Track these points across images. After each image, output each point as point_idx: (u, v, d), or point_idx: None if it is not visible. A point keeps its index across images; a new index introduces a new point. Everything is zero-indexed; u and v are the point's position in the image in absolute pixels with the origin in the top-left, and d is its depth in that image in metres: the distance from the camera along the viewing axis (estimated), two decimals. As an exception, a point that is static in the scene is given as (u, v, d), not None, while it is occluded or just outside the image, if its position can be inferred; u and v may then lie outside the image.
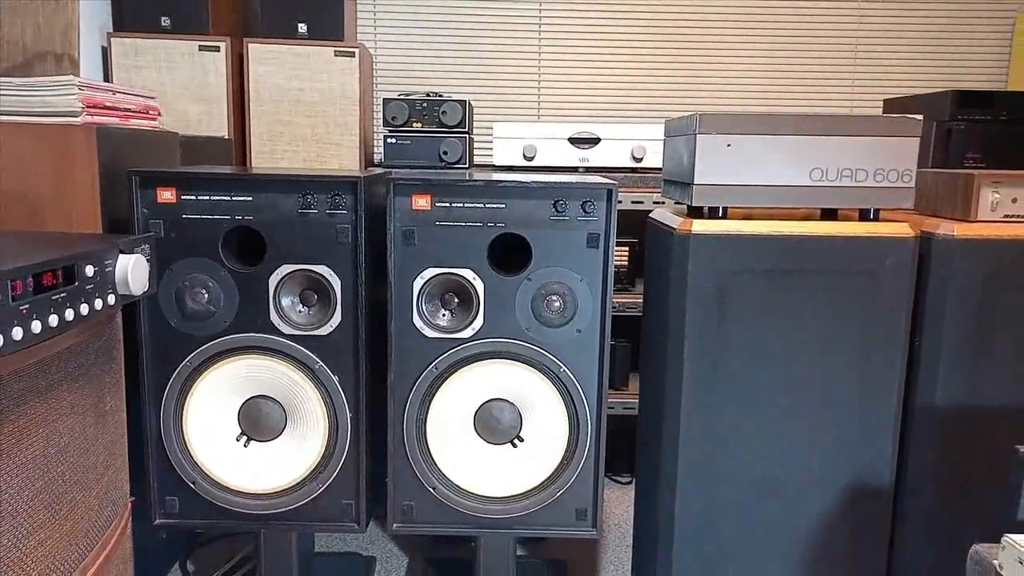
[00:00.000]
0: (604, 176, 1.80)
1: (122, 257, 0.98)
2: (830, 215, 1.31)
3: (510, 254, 1.38)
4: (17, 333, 0.77)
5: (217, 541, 1.95)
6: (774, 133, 1.22)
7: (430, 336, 1.37)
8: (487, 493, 1.41)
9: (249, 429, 1.40)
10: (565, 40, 2.74)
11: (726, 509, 1.30)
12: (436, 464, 1.40)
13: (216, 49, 2.23)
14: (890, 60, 2.78)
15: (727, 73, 2.78)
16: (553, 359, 1.37)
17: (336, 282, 1.35)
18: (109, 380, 1.09)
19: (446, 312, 1.38)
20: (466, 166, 2.30)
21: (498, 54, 2.74)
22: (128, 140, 1.46)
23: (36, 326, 0.81)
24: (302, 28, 2.28)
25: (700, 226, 1.21)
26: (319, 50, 2.28)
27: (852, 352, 1.25)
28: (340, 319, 1.36)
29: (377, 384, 1.44)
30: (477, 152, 2.69)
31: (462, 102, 2.28)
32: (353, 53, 2.28)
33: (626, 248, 2.29)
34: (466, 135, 2.29)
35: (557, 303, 1.36)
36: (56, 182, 1.33)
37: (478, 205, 1.33)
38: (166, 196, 1.32)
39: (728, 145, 1.22)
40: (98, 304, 0.93)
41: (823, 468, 1.29)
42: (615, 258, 1.37)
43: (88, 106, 1.35)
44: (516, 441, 1.40)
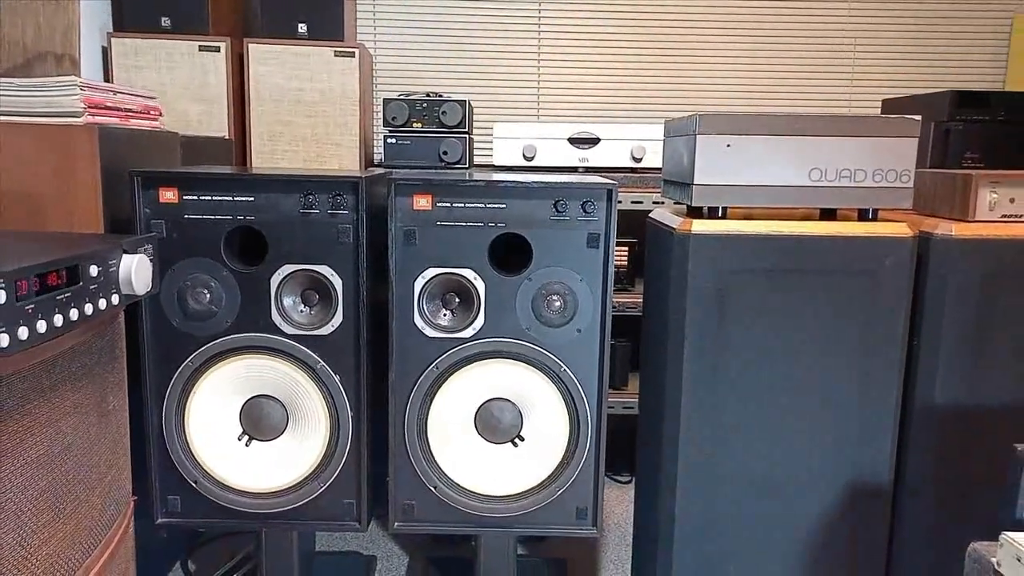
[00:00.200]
0: (604, 176, 1.81)
1: (126, 257, 0.99)
2: (829, 215, 1.32)
3: (511, 254, 1.39)
4: (22, 333, 0.77)
5: (217, 540, 1.95)
6: (774, 133, 1.22)
7: (431, 336, 1.37)
8: (488, 492, 1.42)
9: (251, 428, 1.40)
10: (564, 40, 2.75)
11: (726, 508, 1.30)
12: (437, 463, 1.41)
13: (216, 49, 2.24)
14: (888, 60, 2.79)
15: (726, 73, 2.79)
16: (554, 359, 1.37)
17: (337, 282, 1.36)
18: (112, 380, 1.09)
19: (447, 312, 1.39)
20: (466, 166, 2.30)
21: (497, 54, 2.75)
22: (129, 140, 1.47)
23: (41, 326, 0.81)
24: (302, 28, 2.29)
25: (700, 226, 1.22)
26: (319, 50, 2.28)
27: (851, 352, 1.26)
28: (341, 319, 1.37)
29: (378, 383, 1.45)
30: (477, 152, 2.70)
31: (462, 102, 2.28)
32: (353, 53, 2.28)
33: (626, 248, 2.29)
34: (466, 135, 2.29)
35: (557, 303, 1.36)
36: (58, 182, 1.33)
37: (479, 205, 1.34)
38: (168, 196, 1.33)
39: (728, 145, 1.22)
40: (102, 304, 0.94)
41: (823, 467, 1.29)
42: (615, 258, 1.37)
43: (90, 106, 1.36)
44: (517, 440, 1.41)
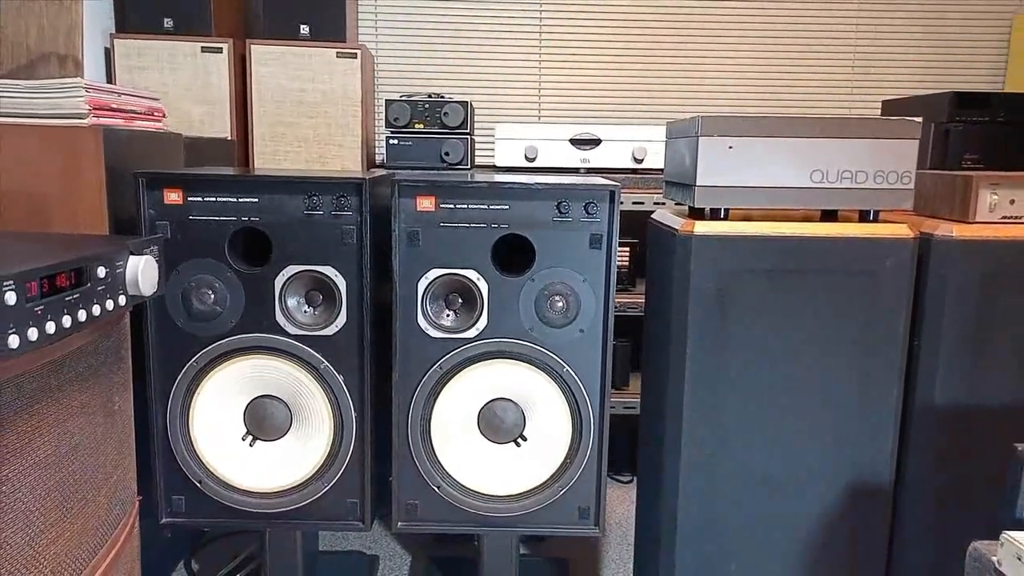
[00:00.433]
0: (605, 177, 1.81)
1: (132, 258, 0.99)
2: (830, 216, 1.32)
3: (513, 255, 1.39)
4: (32, 334, 0.78)
5: (220, 540, 1.96)
6: (775, 135, 1.23)
7: (434, 336, 1.38)
8: (491, 492, 1.42)
9: (255, 429, 1.41)
10: (565, 41, 2.75)
11: (727, 508, 1.31)
12: (440, 463, 1.42)
13: (218, 50, 2.24)
14: (888, 62, 2.80)
15: (726, 75, 2.79)
16: (556, 359, 1.38)
17: (341, 283, 1.36)
18: (118, 380, 1.10)
19: (450, 312, 1.39)
20: (468, 167, 2.31)
21: (499, 55, 2.75)
22: (133, 142, 1.47)
23: (50, 327, 0.82)
24: (304, 29, 2.29)
25: (702, 227, 1.23)
26: (321, 51, 2.28)
27: (852, 352, 1.27)
28: (345, 319, 1.37)
29: (382, 384, 1.45)
30: (478, 153, 2.70)
31: (464, 103, 2.29)
32: (355, 54, 2.29)
33: (627, 248, 2.30)
34: (467, 136, 2.30)
35: (560, 303, 1.37)
36: (63, 183, 1.33)
37: (482, 206, 1.34)
38: (173, 197, 1.33)
39: (730, 147, 1.23)
40: (109, 305, 0.94)
41: (823, 467, 1.30)
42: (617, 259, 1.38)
43: (94, 108, 1.36)
44: (519, 440, 1.42)
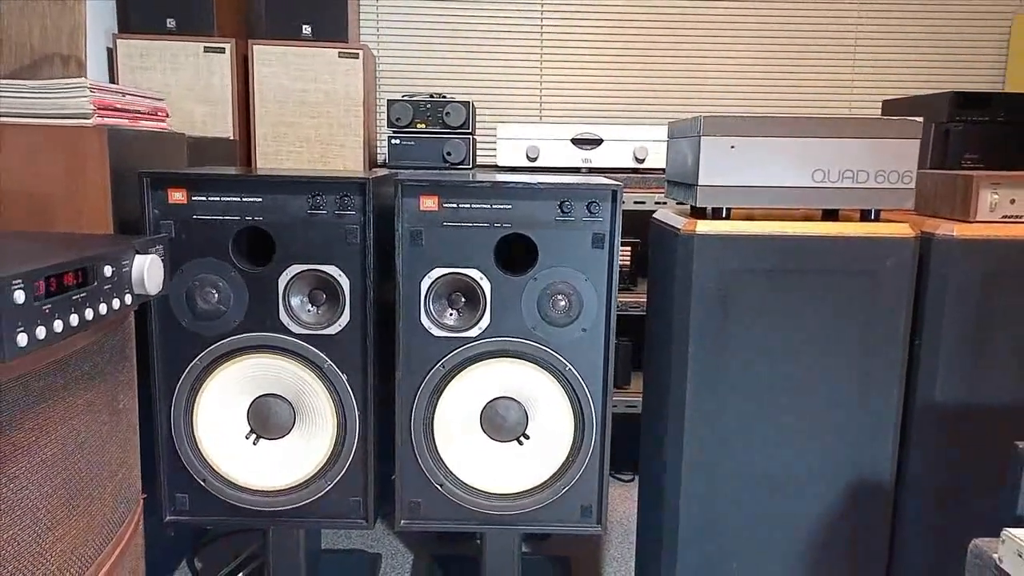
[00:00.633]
0: (607, 177, 1.82)
1: (138, 257, 1.00)
2: (831, 216, 1.33)
3: (516, 254, 1.40)
4: (40, 332, 0.79)
5: (222, 539, 1.96)
6: (777, 135, 1.23)
7: (437, 335, 1.38)
8: (493, 490, 1.43)
9: (258, 427, 1.41)
10: (567, 41, 2.76)
11: (729, 507, 1.31)
12: (443, 461, 1.42)
13: (221, 50, 2.25)
14: (889, 62, 2.80)
15: (727, 75, 2.80)
16: (559, 358, 1.38)
17: (345, 282, 1.37)
18: (123, 379, 1.10)
19: (453, 311, 1.40)
20: (469, 167, 2.31)
21: (500, 55, 2.76)
22: (137, 141, 1.48)
23: (58, 325, 0.82)
24: (306, 30, 2.30)
25: (704, 226, 1.23)
26: (323, 51, 2.29)
27: (853, 351, 1.27)
28: (348, 318, 1.38)
29: (385, 382, 1.46)
30: (479, 153, 2.71)
31: (465, 103, 2.29)
32: (357, 54, 2.29)
33: (628, 248, 2.30)
34: (469, 136, 2.31)
35: (562, 302, 1.37)
36: (68, 183, 1.34)
37: (485, 206, 1.35)
38: (177, 197, 1.34)
39: (732, 147, 1.23)
40: (115, 304, 0.95)
41: (824, 466, 1.30)
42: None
43: (99, 108, 1.37)
44: (522, 439, 1.42)
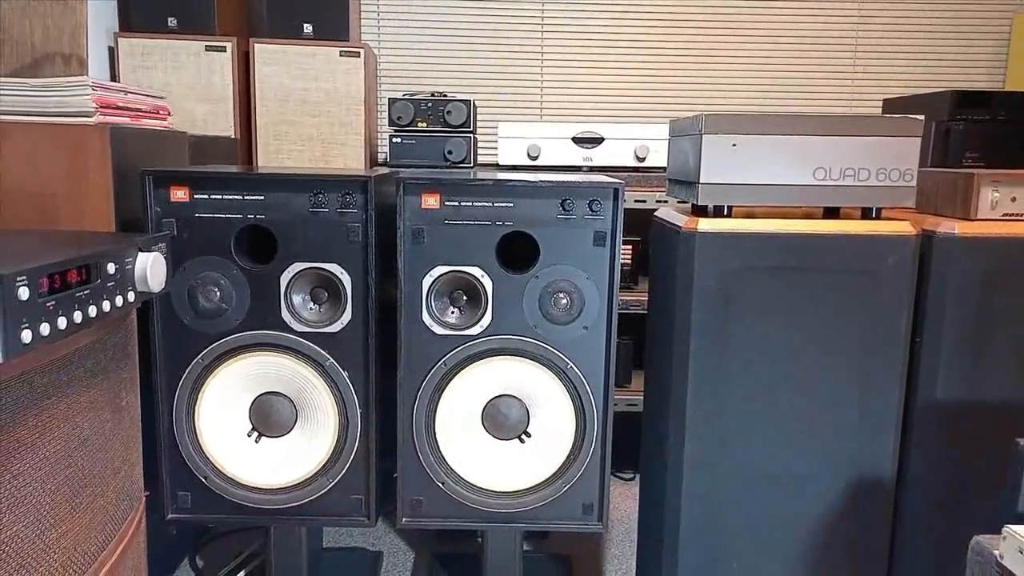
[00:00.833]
0: (608, 175, 1.82)
1: (141, 255, 1.00)
2: (832, 214, 1.33)
3: (517, 252, 1.40)
4: (44, 329, 0.79)
5: (224, 537, 1.97)
6: (778, 133, 1.24)
7: (439, 333, 1.38)
8: (495, 488, 1.43)
9: (260, 425, 1.42)
10: (567, 40, 2.76)
11: (730, 505, 1.32)
12: (444, 459, 1.42)
13: (222, 49, 2.25)
14: (889, 60, 2.81)
15: (728, 73, 2.80)
16: (560, 356, 1.39)
17: (346, 280, 1.37)
18: (125, 376, 1.10)
19: (455, 309, 1.40)
20: (470, 166, 2.31)
21: (501, 54, 2.76)
22: (140, 140, 1.48)
23: (61, 322, 0.82)
24: (307, 28, 2.30)
25: (706, 224, 1.23)
26: (324, 50, 2.29)
27: (854, 349, 1.27)
28: (350, 316, 1.38)
29: (386, 380, 1.46)
30: (480, 151, 2.71)
31: (466, 102, 2.29)
32: (358, 53, 2.30)
33: (629, 247, 2.30)
34: (470, 135, 2.31)
35: (564, 300, 1.38)
36: (70, 181, 1.34)
37: (487, 204, 1.35)
38: (179, 195, 1.34)
39: (733, 145, 1.23)
40: (119, 301, 0.95)
41: (826, 464, 1.31)
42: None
43: (101, 106, 1.37)
44: (523, 436, 1.42)
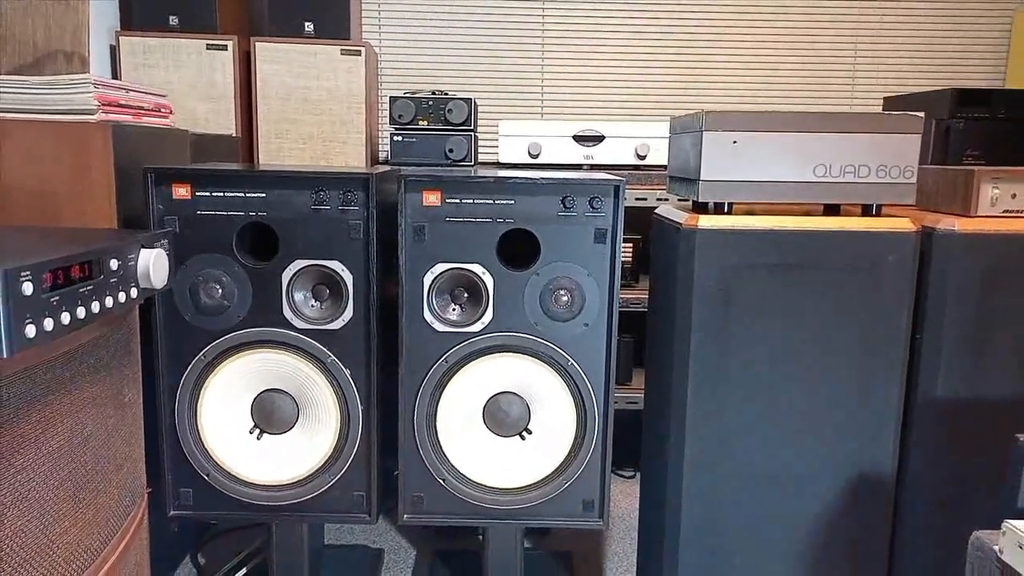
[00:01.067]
0: (608, 173, 1.82)
1: (144, 252, 1.00)
2: (832, 211, 1.33)
3: (518, 250, 1.40)
4: (48, 324, 0.79)
5: (225, 535, 1.97)
6: (779, 130, 1.24)
7: (440, 330, 1.39)
8: (496, 484, 1.44)
9: (262, 422, 1.42)
10: (568, 39, 2.76)
11: (730, 503, 1.32)
12: (446, 456, 1.43)
13: (223, 48, 2.25)
14: (890, 58, 2.81)
15: (728, 72, 2.80)
16: (561, 352, 1.39)
17: (348, 277, 1.38)
18: (128, 373, 1.11)
19: (456, 306, 1.40)
20: (471, 163, 2.32)
21: (502, 52, 2.76)
22: (141, 138, 1.48)
23: (65, 317, 0.83)
24: (309, 27, 2.30)
25: (706, 221, 1.24)
26: (326, 49, 2.30)
27: (854, 346, 1.27)
28: (352, 313, 1.38)
29: (388, 378, 1.46)
30: (481, 150, 2.71)
31: (467, 100, 2.30)
32: (359, 52, 2.30)
33: (630, 245, 2.31)
34: (471, 133, 2.31)
35: (565, 298, 1.38)
36: (72, 179, 1.34)
37: (488, 201, 1.35)
38: (181, 192, 1.34)
39: (733, 142, 1.24)
40: (121, 297, 0.95)
41: (826, 462, 1.31)
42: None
43: (104, 104, 1.37)
44: (524, 433, 1.43)
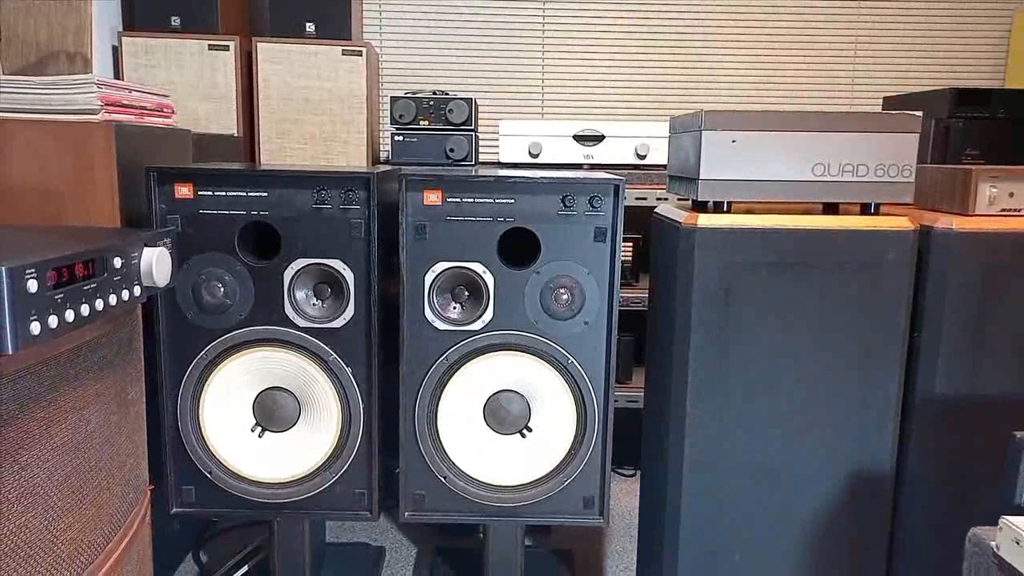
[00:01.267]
0: (609, 173, 1.83)
1: (147, 250, 1.01)
2: (831, 209, 1.34)
3: (519, 248, 1.41)
4: (52, 321, 0.80)
5: (227, 532, 1.98)
6: (778, 129, 1.24)
7: (441, 328, 1.40)
8: (497, 482, 1.44)
9: (264, 420, 1.43)
10: (568, 38, 2.77)
11: (730, 500, 1.32)
12: (447, 454, 1.43)
13: (225, 48, 2.26)
14: (889, 58, 2.81)
15: (728, 71, 2.81)
16: (561, 351, 1.40)
17: (349, 276, 1.38)
18: (131, 371, 1.12)
19: (457, 305, 1.41)
20: (472, 163, 2.32)
21: (502, 52, 2.77)
22: (144, 137, 1.49)
23: (69, 315, 0.83)
24: (310, 27, 2.31)
25: (706, 220, 1.24)
26: (327, 49, 2.30)
27: (853, 344, 1.28)
28: (353, 312, 1.39)
29: (389, 376, 1.47)
30: (482, 149, 2.72)
31: (468, 100, 2.31)
32: (360, 52, 2.31)
33: (630, 244, 2.31)
34: (472, 132, 2.32)
35: (565, 296, 1.39)
36: (76, 179, 1.35)
37: (488, 200, 1.36)
38: (184, 192, 1.35)
39: (733, 141, 1.24)
40: (125, 295, 0.96)
41: (826, 459, 1.31)
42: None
43: (107, 104, 1.38)
44: (525, 431, 1.43)
